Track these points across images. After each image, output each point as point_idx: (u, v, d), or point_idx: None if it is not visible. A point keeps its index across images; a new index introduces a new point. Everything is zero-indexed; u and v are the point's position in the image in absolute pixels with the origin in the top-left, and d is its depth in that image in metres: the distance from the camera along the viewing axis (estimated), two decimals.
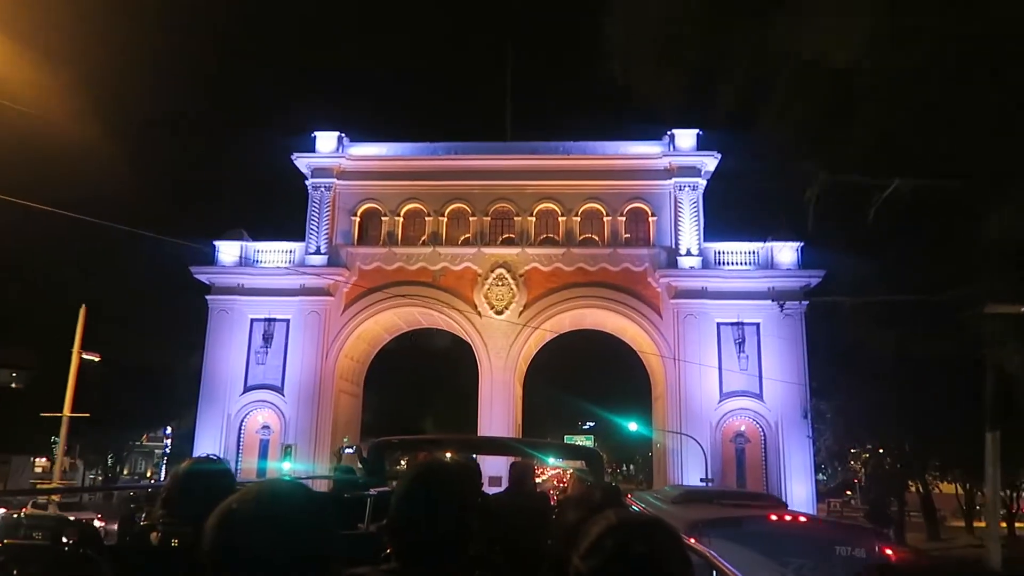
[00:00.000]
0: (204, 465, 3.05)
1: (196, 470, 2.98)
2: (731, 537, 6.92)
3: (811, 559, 7.36)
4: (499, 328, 33.38)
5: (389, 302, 33.83)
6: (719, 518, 8.05)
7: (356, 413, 37.14)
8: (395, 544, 2.23)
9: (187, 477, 2.92)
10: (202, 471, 2.98)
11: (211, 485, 2.75)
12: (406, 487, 2.30)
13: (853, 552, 7.53)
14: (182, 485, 2.89)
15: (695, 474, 30.81)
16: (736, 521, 7.90)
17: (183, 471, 2.97)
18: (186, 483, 2.89)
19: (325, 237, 34.51)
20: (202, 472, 2.97)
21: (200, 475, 2.93)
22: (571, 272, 33.61)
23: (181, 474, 2.95)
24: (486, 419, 32.57)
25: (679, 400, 31.99)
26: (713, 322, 32.73)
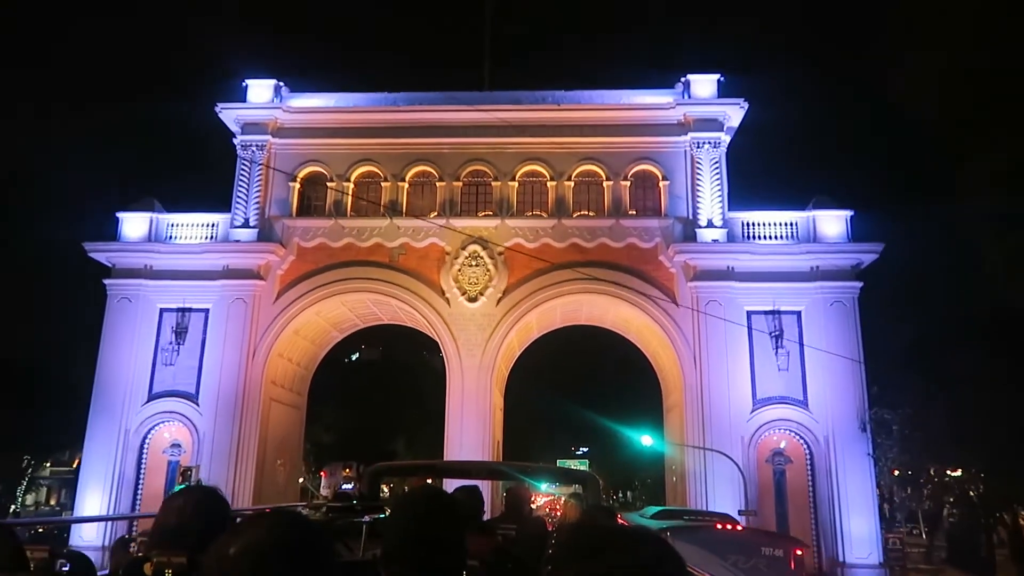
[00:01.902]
0: (197, 493, 2.98)
1: (189, 498, 2.89)
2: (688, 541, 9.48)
3: (744, 556, 11.74)
4: (472, 319, 26.48)
5: (335, 287, 26.89)
6: (681, 527, 12.03)
7: (296, 428, 30.00)
8: (392, 573, 2.24)
9: (180, 505, 2.83)
10: (195, 499, 2.88)
11: (205, 514, 2.74)
12: (402, 515, 2.36)
13: (774, 552, 12.44)
14: (175, 514, 2.79)
15: (726, 502, 23.79)
16: (693, 530, 12.42)
17: (175, 499, 2.91)
18: (180, 512, 2.79)
19: (256, 207, 27.62)
20: (195, 500, 2.86)
21: (193, 503, 2.83)
22: (563, 249, 26.81)
23: (174, 502, 2.87)
24: (455, 436, 25.56)
25: (701, 410, 25.06)
26: (742, 310, 25.92)
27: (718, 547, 11.47)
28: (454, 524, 2.33)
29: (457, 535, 2.31)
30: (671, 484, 28.65)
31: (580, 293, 26.64)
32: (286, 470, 28.18)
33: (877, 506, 24.27)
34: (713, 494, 24.21)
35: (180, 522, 2.75)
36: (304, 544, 1.72)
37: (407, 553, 2.22)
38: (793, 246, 26.13)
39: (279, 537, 1.70)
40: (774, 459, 25.17)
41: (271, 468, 26.35)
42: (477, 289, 26.57)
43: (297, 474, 29.83)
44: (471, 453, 24.93)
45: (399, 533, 2.31)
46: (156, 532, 2.82)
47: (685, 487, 25.14)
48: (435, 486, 2.80)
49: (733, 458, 24.12)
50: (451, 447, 25.39)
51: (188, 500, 2.88)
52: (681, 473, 25.85)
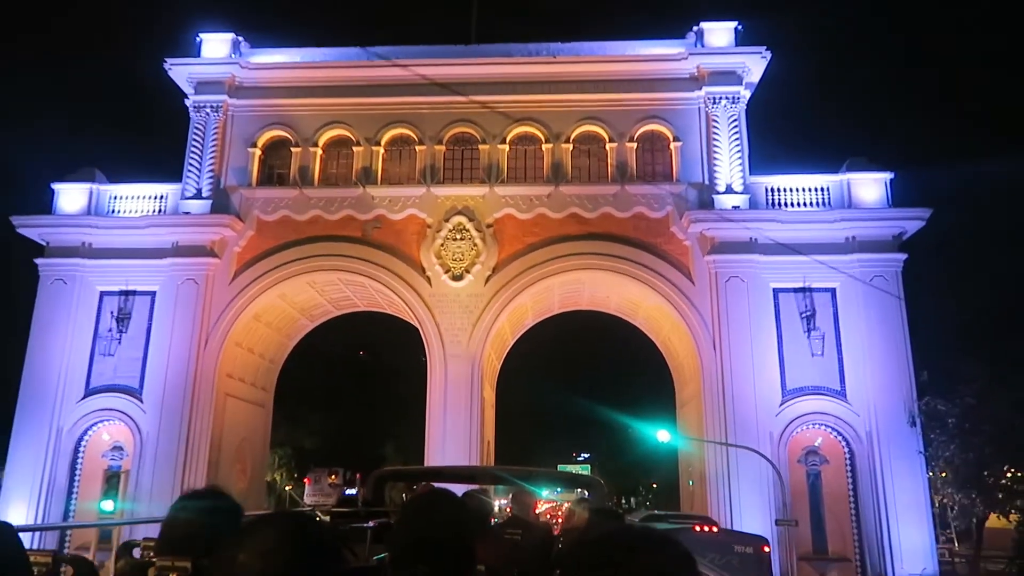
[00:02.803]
0: (202, 498, 2.91)
1: (194, 503, 2.85)
2: None
3: (719, 554, 12.77)
4: (457, 300, 23.03)
5: (300, 266, 23.45)
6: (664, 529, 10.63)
7: (260, 429, 26.50)
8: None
9: (185, 510, 2.79)
10: (200, 504, 2.83)
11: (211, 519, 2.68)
12: (410, 518, 2.36)
13: (745, 550, 13.74)
14: (180, 518, 2.76)
15: (754, 511, 20.37)
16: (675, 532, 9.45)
17: (180, 503, 2.86)
18: (184, 516, 2.75)
19: (210, 176, 24.20)
20: (201, 505, 2.82)
21: (199, 508, 2.79)
22: (560, 220, 23.38)
23: (179, 507, 2.83)
24: (437, 435, 22.07)
25: (722, 403, 21.58)
26: (767, 288, 22.49)
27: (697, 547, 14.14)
28: (462, 528, 2.32)
29: (466, 539, 2.31)
30: (687, 490, 25.13)
31: (581, 270, 23.17)
32: (247, 476, 24.69)
33: (931, 512, 20.75)
34: (739, 499, 20.73)
35: (186, 526, 2.71)
36: (313, 548, 1.69)
37: (415, 556, 2.22)
38: (825, 213, 22.68)
39: (288, 541, 1.67)
40: (807, 459, 21.69)
41: (227, 473, 22.87)
42: (462, 266, 23.13)
43: (260, 480, 26.37)
44: (456, 454, 21.47)
45: (407, 536, 2.32)
46: (162, 536, 2.79)
47: (704, 492, 21.63)
48: (444, 489, 2.82)
49: (763, 455, 20.64)
50: (433, 448, 21.91)
51: (194, 504, 2.84)
52: (700, 476, 22.34)
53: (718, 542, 13.90)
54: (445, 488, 2.93)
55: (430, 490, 2.89)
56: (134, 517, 21.22)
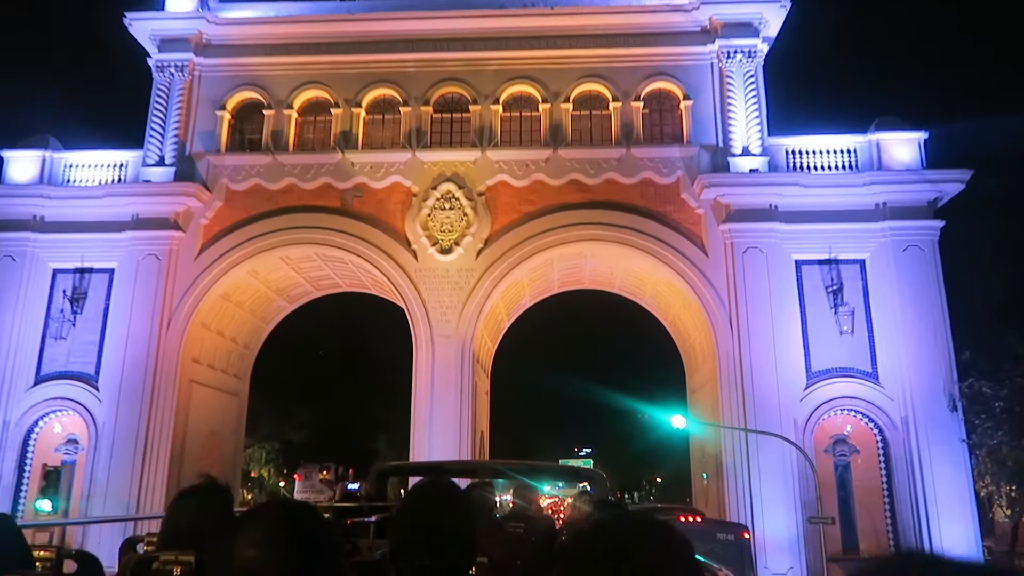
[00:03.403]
0: (203, 491, 2.92)
1: (195, 497, 2.86)
2: None
3: (703, 541, 12.92)
4: (446, 275, 20.85)
5: (273, 239, 21.27)
6: None
7: (233, 420, 24.30)
8: (400, 569, 2.22)
9: (189, 503, 2.81)
10: (205, 497, 2.86)
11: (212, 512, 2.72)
12: (413, 508, 2.35)
13: (727, 537, 14.67)
14: (184, 512, 2.78)
15: (780, 505, 18.28)
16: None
17: (182, 498, 2.88)
18: (189, 510, 2.77)
19: (174, 142, 22.01)
20: (205, 498, 2.84)
21: (203, 502, 2.80)
22: (559, 187, 21.20)
23: (180, 501, 2.85)
24: (422, 424, 19.91)
25: (739, 387, 19.42)
26: (790, 260, 20.32)
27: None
28: (465, 518, 2.32)
29: (467, 530, 2.29)
30: (700, 484, 22.94)
31: (582, 241, 20.96)
32: (218, 471, 22.47)
33: (975, 507, 18.57)
34: (759, 494, 18.57)
35: (189, 521, 2.73)
36: (308, 535, 1.67)
37: (417, 546, 2.20)
38: (853, 176, 20.47)
39: (283, 529, 1.64)
40: (835, 449, 19.51)
41: (193, 468, 20.70)
42: (451, 238, 20.95)
43: (234, 476, 24.22)
44: (444, 446, 19.34)
45: (409, 525, 2.30)
46: (164, 531, 2.82)
47: (721, 487, 19.45)
48: (447, 480, 2.56)
49: (790, 441, 18.50)
50: (418, 439, 19.76)
51: (197, 498, 2.86)
52: (716, 469, 20.16)
53: (702, 531, 14.39)
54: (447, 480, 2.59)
55: (431, 482, 2.47)
56: (88, 516, 19.15)
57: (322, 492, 45.33)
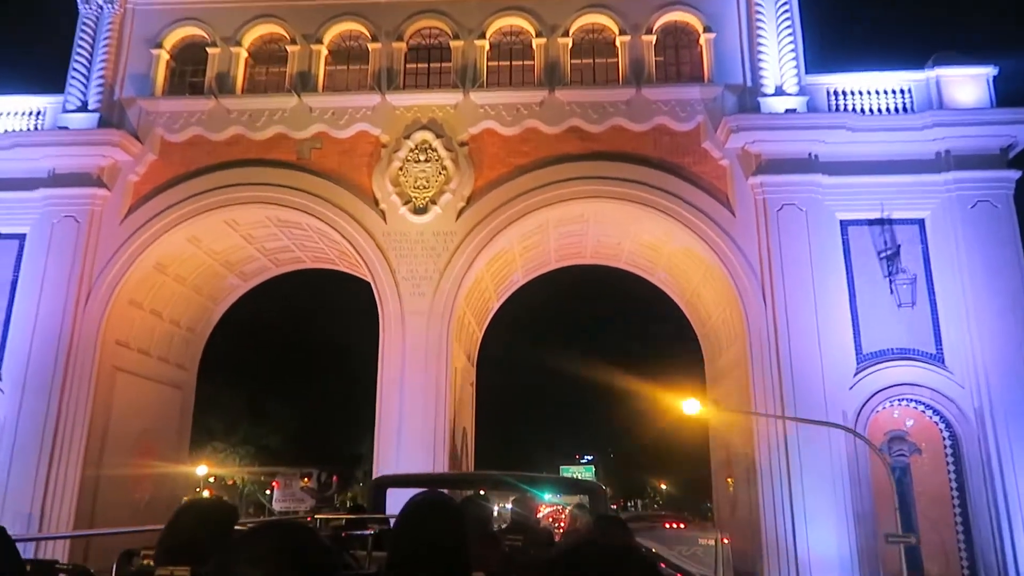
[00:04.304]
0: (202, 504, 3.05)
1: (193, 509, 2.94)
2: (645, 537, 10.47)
3: (686, 546, 14.06)
4: (420, 240, 17.40)
5: (217, 198, 17.83)
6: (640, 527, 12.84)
7: (175, 417, 20.74)
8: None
9: (187, 517, 2.85)
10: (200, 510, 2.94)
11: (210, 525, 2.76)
12: (408, 522, 2.39)
13: (708, 542, 14.74)
14: (182, 526, 2.82)
15: (828, 518, 14.80)
16: (649, 529, 14.78)
17: (180, 510, 2.92)
18: (186, 524, 2.81)
19: (100, 85, 18.60)
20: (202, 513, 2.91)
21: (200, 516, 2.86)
22: (557, 136, 17.77)
23: (179, 513, 2.89)
24: (391, 418, 16.38)
25: (775, 372, 15.94)
26: (834, 219, 16.88)
27: (667, 540, 13.21)
28: (459, 532, 2.34)
29: (461, 543, 2.32)
30: (724, 492, 19.35)
31: (584, 199, 17.48)
32: (151, 476, 18.97)
33: None
34: (801, 502, 15.07)
35: (187, 534, 2.74)
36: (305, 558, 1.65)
37: (412, 560, 2.24)
38: (909, 118, 17.02)
39: (280, 552, 1.63)
40: (891, 447, 16.00)
41: (117, 473, 17.24)
42: (427, 195, 17.50)
43: (175, 481, 20.62)
44: (416, 443, 15.89)
45: (405, 540, 2.33)
46: (161, 544, 2.81)
47: (754, 495, 15.90)
48: (441, 494, 2.66)
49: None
50: (385, 436, 16.27)
51: (195, 512, 2.87)
52: (746, 472, 16.60)
53: (685, 536, 15.23)
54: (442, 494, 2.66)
55: (426, 497, 2.48)
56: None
57: (303, 501, 41.70)
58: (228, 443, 41.49)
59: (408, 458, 15.73)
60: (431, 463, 15.76)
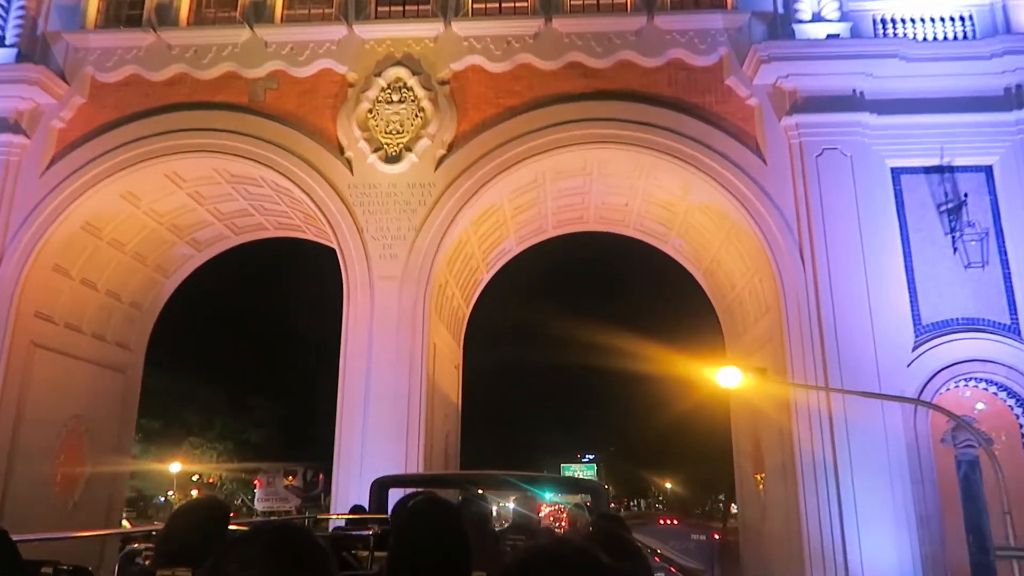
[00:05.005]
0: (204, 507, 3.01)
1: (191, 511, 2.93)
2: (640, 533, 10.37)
3: (679, 540, 15.15)
4: (392, 193, 14.72)
5: (153, 145, 15.15)
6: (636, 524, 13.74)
7: (116, 405, 17.96)
8: None
9: (186, 519, 2.86)
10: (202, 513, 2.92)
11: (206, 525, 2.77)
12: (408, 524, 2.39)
13: (700, 536, 17.01)
14: (181, 528, 2.83)
15: (885, 524, 12.16)
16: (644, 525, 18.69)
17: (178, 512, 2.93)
18: (186, 525, 2.82)
19: (19, 16, 15.89)
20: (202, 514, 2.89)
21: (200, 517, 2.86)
22: (555, 73, 15.09)
23: (176, 515, 2.91)
24: (353, 405, 13.72)
25: (816, 346, 13.28)
26: (883, 167, 14.19)
27: (661, 535, 14.41)
28: (461, 536, 2.33)
29: (463, 545, 2.31)
30: (750, 489, 16.58)
31: (586, 146, 14.78)
32: (83, 470, 16.30)
33: None
34: (851, 503, 12.40)
35: (186, 536, 2.72)
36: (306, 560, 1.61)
37: (413, 562, 2.23)
38: (973, 45, 14.33)
39: (273, 555, 1.59)
40: (956, 437, 13.26)
41: (35, 466, 14.61)
42: (401, 141, 14.82)
43: (117, 478, 17.90)
44: (386, 433, 13.26)
45: (405, 544, 2.33)
46: (161, 546, 2.80)
47: (791, 491, 13.19)
48: (440, 496, 2.66)
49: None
50: (347, 423, 13.62)
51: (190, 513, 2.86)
52: (781, 466, 13.86)
53: (677, 532, 17.26)
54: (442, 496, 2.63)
55: (427, 500, 2.45)
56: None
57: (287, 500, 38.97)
58: (205, 438, 38.90)
59: (375, 447, 13.15)
60: (402, 453, 13.13)
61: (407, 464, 13.09)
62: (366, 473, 12.79)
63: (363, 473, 12.98)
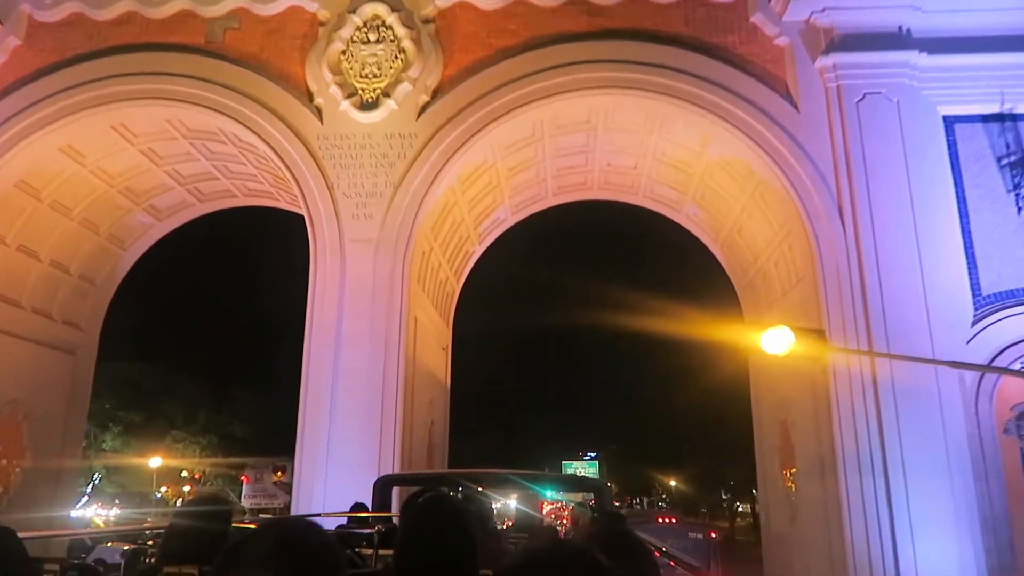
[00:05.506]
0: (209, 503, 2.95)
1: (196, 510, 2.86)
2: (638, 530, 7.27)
3: (677, 539, 15.44)
4: (367, 144, 12.82)
5: (97, 90, 13.26)
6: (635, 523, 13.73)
7: (62, 388, 15.99)
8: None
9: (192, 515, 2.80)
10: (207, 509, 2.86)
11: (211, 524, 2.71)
12: (413, 523, 2.37)
13: (697, 535, 16.96)
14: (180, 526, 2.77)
15: (943, 525, 10.19)
16: (642, 523, 19.44)
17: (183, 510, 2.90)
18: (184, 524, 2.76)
19: None
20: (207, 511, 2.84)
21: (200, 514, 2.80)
22: (554, 10, 13.17)
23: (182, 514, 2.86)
24: (319, 384, 11.81)
25: (859, 322, 11.36)
26: (934, 114, 12.29)
27: (659, 534, 14.19)
28: (470, 535, 2.31)
29: (471, 543, 2.29)
30: (777, 488, 14.61)
31: (590, 91, 12.86)
32: (19, 463, 14.42)
33: None
34: (903, 504, 10.50)
35: (192, 533, 2.67)
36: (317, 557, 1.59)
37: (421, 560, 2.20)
38: None
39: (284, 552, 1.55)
40: (1021, 426, 11.41)
41: None
42: (379, 86, 12.93)
43: (64, 473, 16.02)
44: (356, 418, 11.35)
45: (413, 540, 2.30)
46: (167, 543, 2.73)
47: (830, 490, 11.26)
48: (445, 493, 2.66)
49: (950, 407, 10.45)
50: (309, 411, 11.73)
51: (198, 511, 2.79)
52: (819, 461, 11.90)
53: (676, 530, 17.44)
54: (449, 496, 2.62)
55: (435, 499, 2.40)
56: None
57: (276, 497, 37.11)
58: (188, 432, 37.07)
59: (344, 433, 11.29)
60: (375, 443, 11.25)
61: (380, 455, 11.21)
62: (333, 465, 11.00)
63: (330, 465, 11.16)
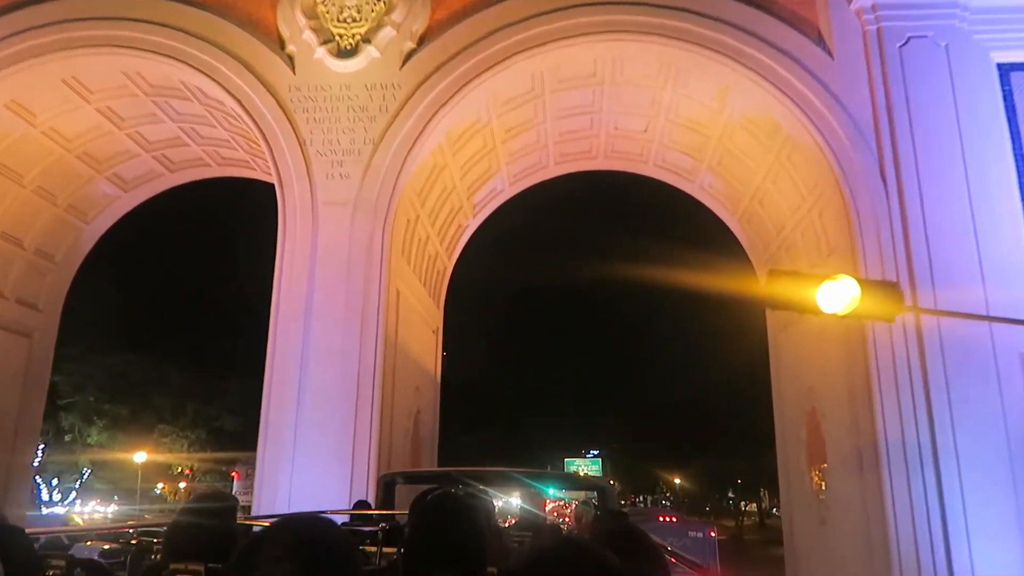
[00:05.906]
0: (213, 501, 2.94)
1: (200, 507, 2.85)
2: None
3: (677, 537, 15.95)
4: (345, 96, 11.39)
5: (44, 37, 11.85)
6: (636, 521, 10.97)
7: (16, 374, 14.50)
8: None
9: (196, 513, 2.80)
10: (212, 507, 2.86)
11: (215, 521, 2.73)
12: (421, 520, 2.33)
13: (697, 534, 17.60)
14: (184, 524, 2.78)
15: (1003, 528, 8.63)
16: (644, 521, 17.08)
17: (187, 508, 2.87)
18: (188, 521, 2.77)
19: None
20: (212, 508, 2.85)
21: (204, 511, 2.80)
22: None
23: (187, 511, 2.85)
24: (284, 378, 10.37)
25: (908, 288, 9.85)
26: (989, 62, 10.83)
27: (660, 532, 13.97)
28: (478, 532, 2.30)
29: (481, 544, 2.29)
30: (803, 488, 13.11)
31: (594, 36, 11.38)
32: None
33: None
34: (958, 496, 9.07)
35: (197, 531, 2.66)
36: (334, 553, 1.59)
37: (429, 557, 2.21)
38: None
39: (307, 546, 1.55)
40: None
41: None
42: (358, 31, 11.50)
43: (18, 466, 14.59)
44: (325, 412, 9.95)
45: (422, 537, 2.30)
46: (169, 542, 2.73)
47: (871, 488, 9.80)
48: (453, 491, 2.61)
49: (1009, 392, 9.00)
50: (275, 395, 10.32)
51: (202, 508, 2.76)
52: (856, 454, 10.42)
53: (676, 528, 17.78)
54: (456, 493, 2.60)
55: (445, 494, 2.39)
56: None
57: None
58: (176, 425, 35.71)
59: (314, 419, 9.87)
60: (349, 432, 9.84)
61: (355, 444, 9.81)
62: (301, 456, 9.59)
63: (297, 455, 9.75)
